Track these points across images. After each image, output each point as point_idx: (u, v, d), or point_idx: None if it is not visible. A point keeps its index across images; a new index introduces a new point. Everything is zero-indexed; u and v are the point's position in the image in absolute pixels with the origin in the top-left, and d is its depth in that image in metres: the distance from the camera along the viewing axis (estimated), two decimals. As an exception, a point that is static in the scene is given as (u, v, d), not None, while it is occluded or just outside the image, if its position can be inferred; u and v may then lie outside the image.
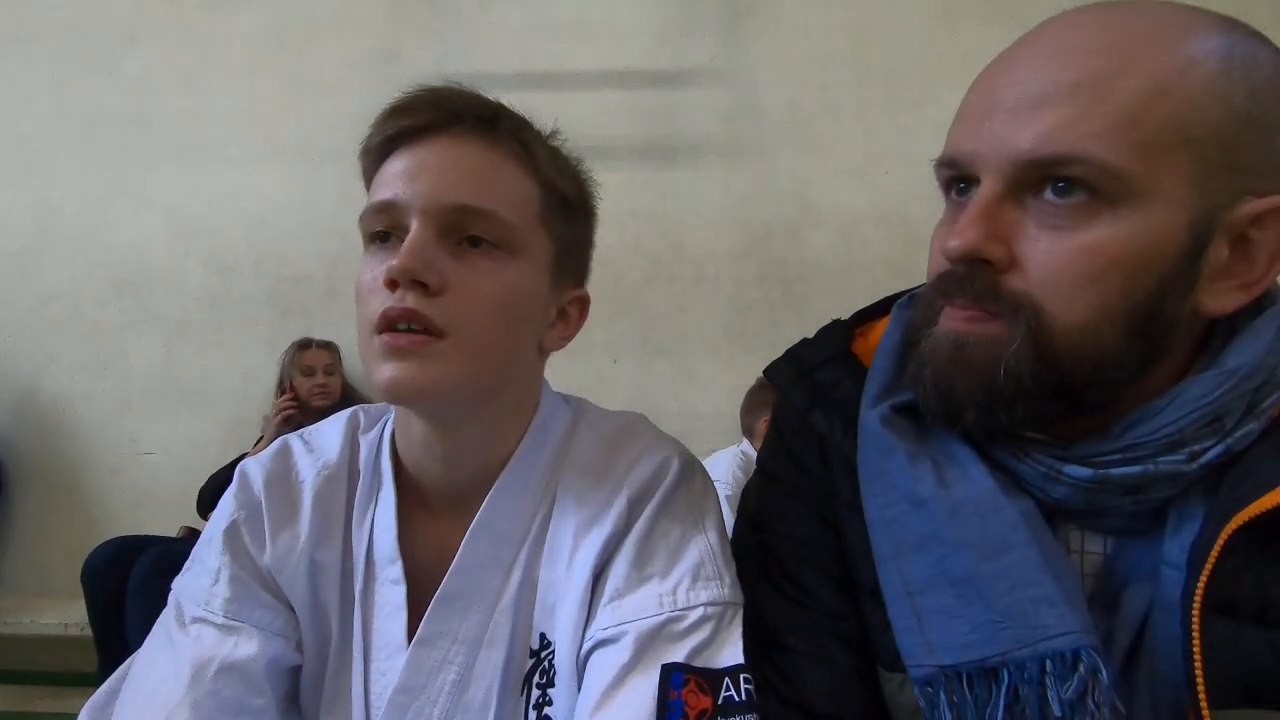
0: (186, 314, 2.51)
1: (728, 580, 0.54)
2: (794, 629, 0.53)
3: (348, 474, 0.60)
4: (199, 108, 2.55)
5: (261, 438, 2.24)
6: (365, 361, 0.52)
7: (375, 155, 0.54)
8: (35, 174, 2.57)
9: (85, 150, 2.57)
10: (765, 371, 0.61)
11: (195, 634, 0.54)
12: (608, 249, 2.38)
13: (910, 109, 2.34)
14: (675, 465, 0.58)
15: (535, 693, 0.55)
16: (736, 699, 0.48)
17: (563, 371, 0.67)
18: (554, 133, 0.59)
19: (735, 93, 2.41)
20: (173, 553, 1.94)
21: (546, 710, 0.54)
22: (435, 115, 0.53)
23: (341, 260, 2.44)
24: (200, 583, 0.56)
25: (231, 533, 0.57)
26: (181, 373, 2.50)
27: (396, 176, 0.52)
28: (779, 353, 0.62)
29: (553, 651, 0.55)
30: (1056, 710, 0.40)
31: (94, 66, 2.58)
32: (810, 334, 0.62)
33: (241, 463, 0.61)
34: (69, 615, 2.15)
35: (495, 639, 0.55)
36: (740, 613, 0.53)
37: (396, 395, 0.50)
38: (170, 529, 2.20)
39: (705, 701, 0.48)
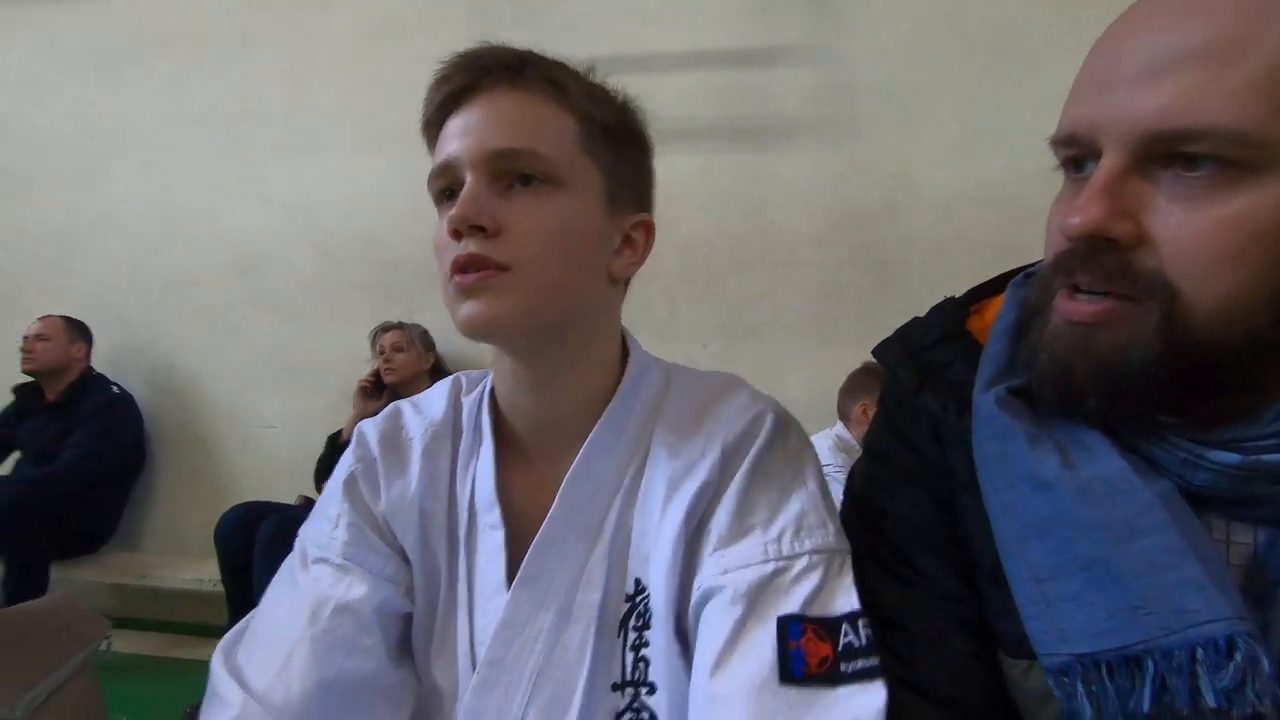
0: (297, 297, 2.69)
1: (832, 529, 0.55)
2: (909, 611, 0.52)
3: (452, 432, 0.64)
4: (305, 103, 2.70)
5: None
6: (448, 308, 0.56)
7: (433, 127, 0.59)
8: (163, 170, 2.79)
9: (205, 146, 2.78)
10: (874, 351, 0.60)
11: (315, 574, 0.59)
12: (694, 232, 2.39)
13: (1015, 83, 2.20)
14: (770, 420, 0.59)
15: (632, 635, 0.57)
16: (856, 644, 0.49)
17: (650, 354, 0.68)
18: (590, 69, 0.61)
19: (826, 70, 2.34)
20: (292, 519, 2.09)
21: (644, 651, 0.57)
22: (469, 75, 0.57)
23: (440, 246, 2.54)
24: (321, 528, 0.61)
25: (350, 483, 0.62)
26: (295, 352, 2.68)
27: (449, 138, 0.57)
28: (870, 337, 0.61)
29: (648, 596, 0.57)
30: (1211, 701, 0.38)
31: (210, 68, 2.77)
32: (907, 317, 0.61)
33: (358, 424, 0.66)
34: (203, 572, 2.37)
35: (591, 582, 0.58)
36: (849, 560, 0.54)
37: (472, 329, 0.54)
38: (287, 496, 2.38)
39: (825, 649, 0.49)
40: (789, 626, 0.49)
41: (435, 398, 0.67)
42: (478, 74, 0.56)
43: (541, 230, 0.54)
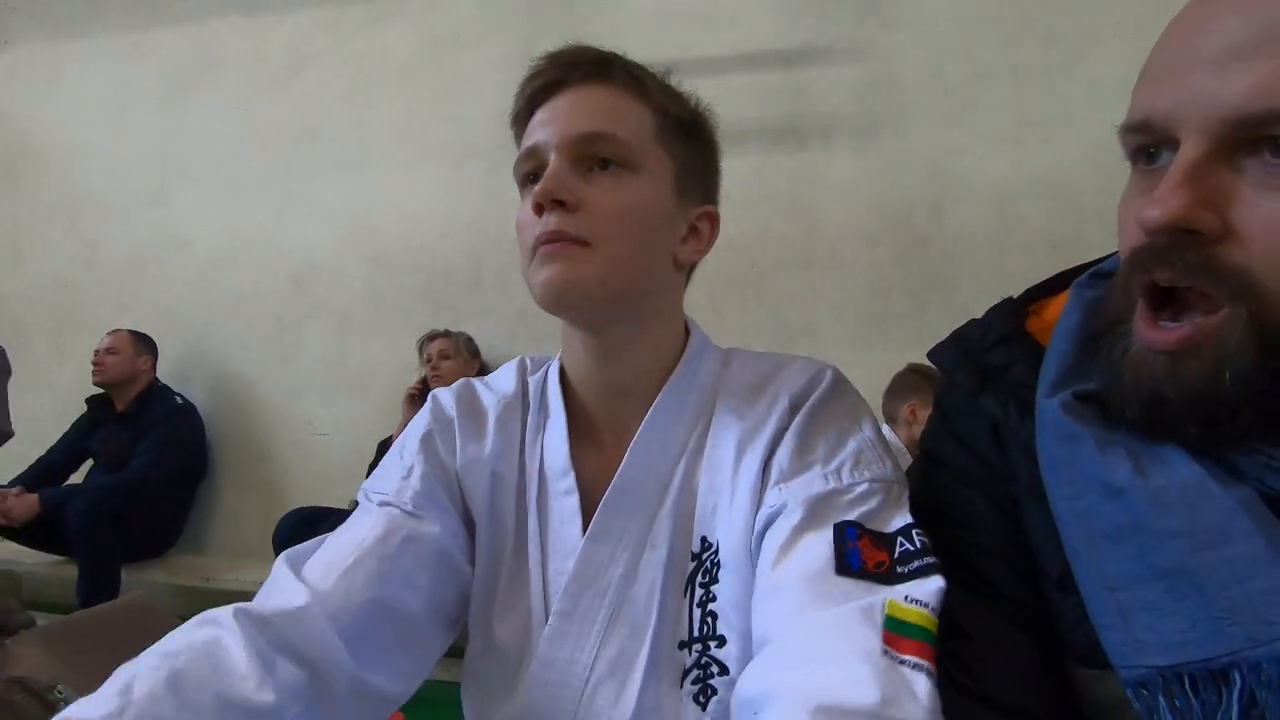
0: (351, 307, 2.77)
1: (890, 464, 0.57)
2: (971, 617, 0.50)
3: (521, 405, 0.68)
4: (359, 119, 2.78)
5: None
6: (529, 281, 0.59)
7: (521, 119, 0.64)
8: (227, 187, 2.92)
9: (266, 164, 2.89)
10: (930, 354, 0.59)
11: (386, 512, 0.61)
12: (739, 235, 2.38)
13: (1070, 69, 2.14)
14: (829, 375, 0.62)
15: (699, 592, 0.59)
16: (912, 549, 0.51)
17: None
18: (666, 72, 0.66)
19: (872, 66, 2.30)
20: (346, 523, 2.15)
21: (711, 606, 0.58)
22: (558, 71, 0.61)
23: (485, 254, 2.59)
24: (392, 476, 0.63)
25: (427, 439, 0.65)
26: (348, 360, 2.76)
27: (536, 127, 0.61)
28: (920, 336, 0.61)
29: (715, 550, 0.59)
30: None
31: (271, 89, 2.89)
32: (958, 316, 0.59)
33: (432, 392, 0.70)
34: (263, 574, 2.37)
35: (657, 540, 0.60)
36: (906, 492, 0.56)
37: (551, 292, 0.57)
38: (340, 501, 2.43)
39: (881, 555, 0.50)
40: (845, 530, 0.51)
41: (504, 375, 0.71)
42: (565, 69, 0.61)
43: (617, 209, 0.58)
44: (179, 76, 2.99)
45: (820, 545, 0.51)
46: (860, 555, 0.50)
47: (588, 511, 0.62)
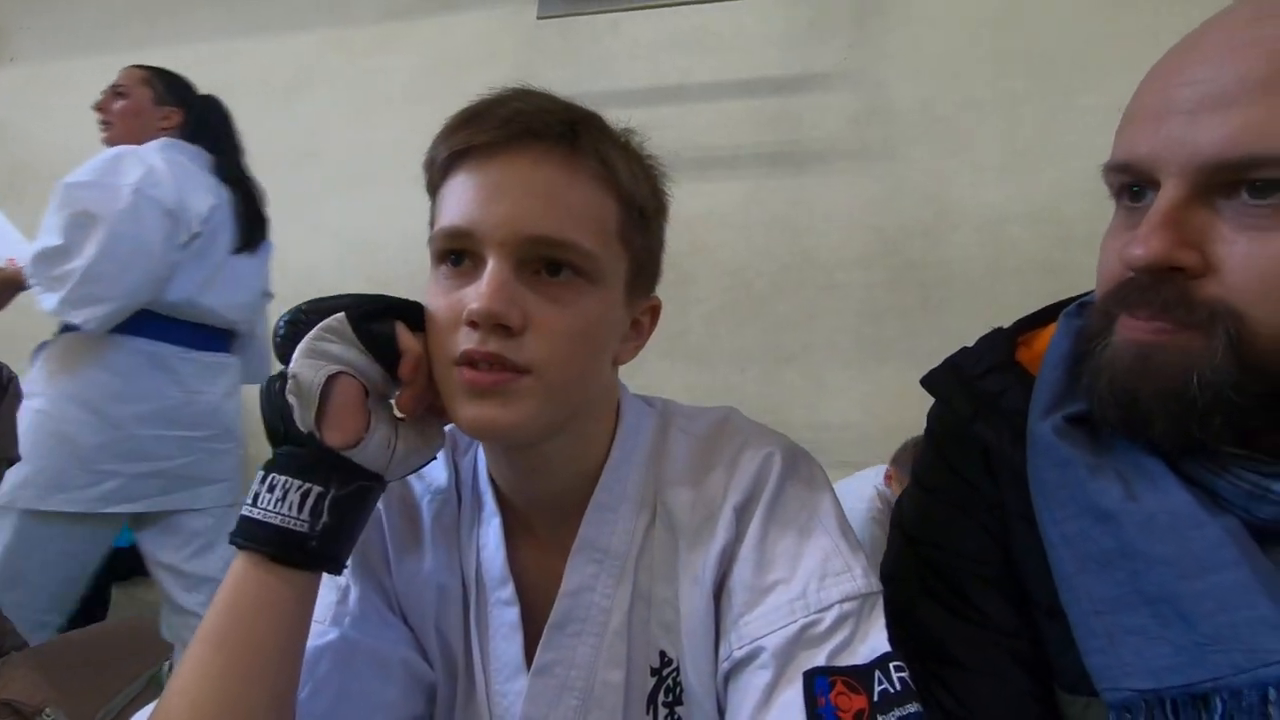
0: (349, 327, 2.77)
1: (858, 570, 0.50)
2: (962, 645, 0.51)
3: (455, 497, 0.60)
4: (363, 140, 2.81)
5: None
6: (444, 392, 0.50)
7: (442, 169, 0.51)
8: (228, 206, 2.94)
9: (271, 184, 2.90)
10: (922, 381, 0.59)
11: (328, 643, 0.53)
12: (735, 257, 2.40)
13: (1062, 98, 2.18)
14: (778, 461, 0.54)
15: (663, 711, 0.53)
16: (893, 690, 0.45)
17: (688, 381, 0.67)
18: (627, 130, 0.54)
19: (865, 93, 2.34)
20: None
21: None
22: (510, 131, 0.48)
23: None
24: (328, 598, 0.54)
25: (360, 553, 0.55)
26: (345, 380, 2.75)
27: (470, 199, 0.48)
28: (914, 361, 0.60)
29: (676, 669, 0.53)
30: None
31: (277, 111, 2.91)
32: (951, 340, 0.60)
33: None
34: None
35: (612, 660, 0.54)
36: (880, 601, 0.50)
37: (480, 434, 0.50)
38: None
39: (859, 701, 0.45)
40: (815, 680, 0.45)
41: (433, 463, 0.61)
42: (522, 132, 0.48)
43: (569, 330, 0.48)
44: (183, 96, 3.02)
45: (793, 708, 0.45)
46: (835, 713, 0.44)
47: (532, 621, 0.55)
